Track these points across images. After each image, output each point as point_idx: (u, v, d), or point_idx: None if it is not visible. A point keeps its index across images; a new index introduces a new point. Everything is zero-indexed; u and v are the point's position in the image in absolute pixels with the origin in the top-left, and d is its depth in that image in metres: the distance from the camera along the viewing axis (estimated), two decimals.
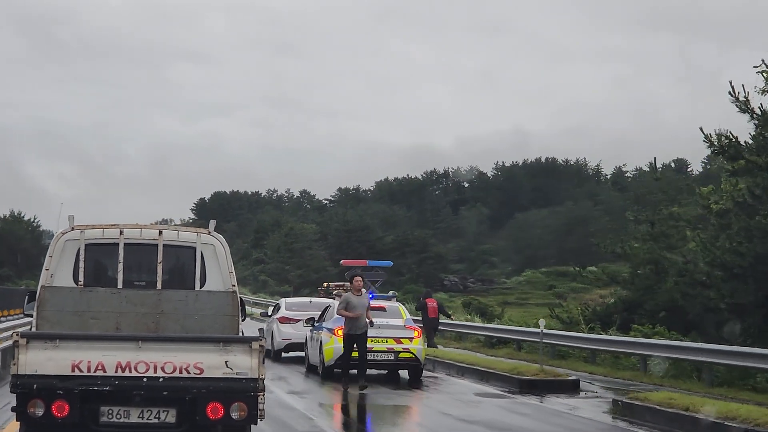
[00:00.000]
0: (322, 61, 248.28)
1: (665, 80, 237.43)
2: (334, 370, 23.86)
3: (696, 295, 31.29)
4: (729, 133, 29.11)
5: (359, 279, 22.76)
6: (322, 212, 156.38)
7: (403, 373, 25.34)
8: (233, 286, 12.08)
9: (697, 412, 15.92)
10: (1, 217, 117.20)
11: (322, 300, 34.87)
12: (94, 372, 10.25)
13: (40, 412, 10.15)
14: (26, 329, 12.15)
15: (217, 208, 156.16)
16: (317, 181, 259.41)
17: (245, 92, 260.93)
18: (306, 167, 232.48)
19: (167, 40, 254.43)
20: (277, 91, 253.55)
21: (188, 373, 10.37)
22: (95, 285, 11.77)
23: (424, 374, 25.41)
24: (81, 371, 10.23)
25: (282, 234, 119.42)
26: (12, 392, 10.24)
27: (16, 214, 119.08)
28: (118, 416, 10.43)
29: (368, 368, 23.45)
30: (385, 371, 25.33)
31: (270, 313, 34.02)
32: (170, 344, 10.52)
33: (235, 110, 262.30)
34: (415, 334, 24.64)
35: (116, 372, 10.28)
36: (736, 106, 28.36)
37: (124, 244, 11.84)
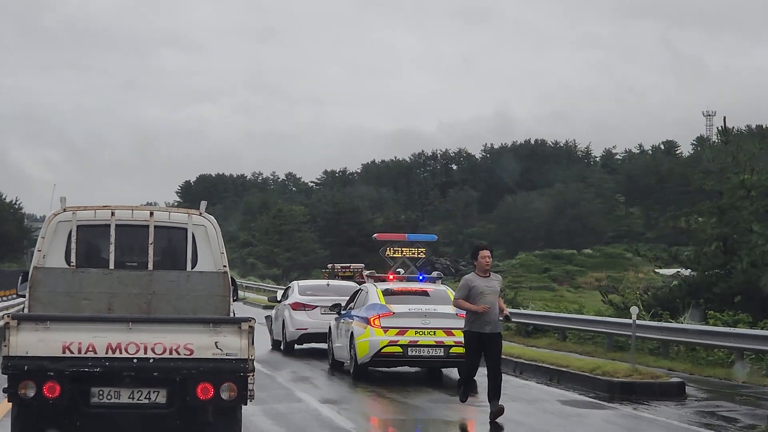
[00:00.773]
0: (306, 48, 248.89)
1: (648, 65, 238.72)
2: (369, 369, 20.37)
3: None
4: None
5: (487, 254, 15.63)
6: (309, 195, 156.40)
7: (447, 371, 21.29)
8: (224, 266, 12.11)
9: None
10: None
11: (342, 283, 31.19)
12: (85, 353, 10.27)
13: (31, 393, 10.17)
14: (17, 310, 12.19)
15: (203, 191, 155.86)
16: (302, 164, 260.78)
17: (229, 78, 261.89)
18: (290, 151, 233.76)
19: (152, 27, 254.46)
20: (261, 77, 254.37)
21: (178, 354, 10.39)
22: (87, 266, 11.80)
23: None
24: (72, 353, 10.25)
25: (270, 216, 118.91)
26: (3, 374, 10.26)
27: None
28: (109, 397, 10.45)
29: (410, 366, 20.55)
30: (418, 369, 21.49)
31: (279, 298, 29.53)
32: (160, 325, 10.55)
33: (219, 96, 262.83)
34: None
35: (107, 353, 10.30)
36: None
37: (116, 225, 11.87)
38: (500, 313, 15.51)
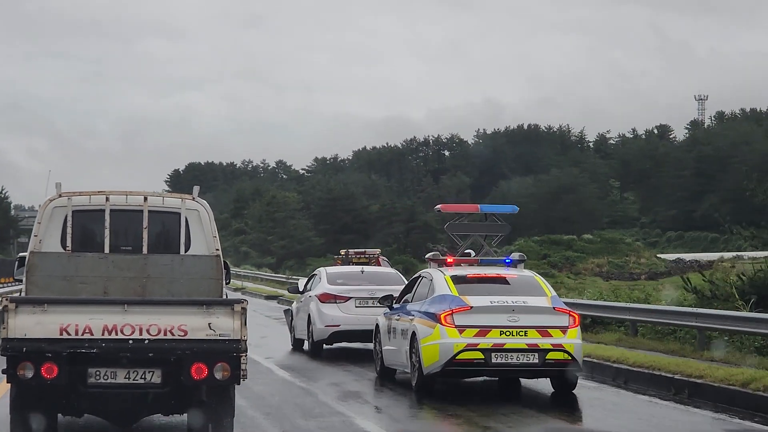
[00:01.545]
0: (294, 35, 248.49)
1: (637, 50, 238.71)
2: (437, 380, 16.14)
3: None
4: None
5: None
6: (301, 182, 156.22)
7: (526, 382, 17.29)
8: (217, 250, 12.31)
9: None
10: None
11: (378, 269, 27.51)
12: (82, 335, 10.54)
13: (29, 374, 10.44)
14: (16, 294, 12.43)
15: (192, 179, 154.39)
16: (292, 151, 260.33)
17: (216, 66, 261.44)
18: (279, 139, 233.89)
19: (138, 14, 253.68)
20: (248, 65, 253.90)
21: (173, 335, 10.66)
22: (83, 250, 12.01)
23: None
24: (69, 334, 10.52)
25: (263, 203, 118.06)
26: (2, 355, 10.51)
27: None
28: (105, 377, 10.72)
29: (493, 376, 16.66)
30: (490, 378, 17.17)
31: (302, 288, 24.82)
32: (155, 307, 10.81)
33: (206, 84, 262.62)
34: (571, 320, 15.86)
35: (103, 335, 10.56)
36: None
37: (111, 210, 12.08)
38: None
